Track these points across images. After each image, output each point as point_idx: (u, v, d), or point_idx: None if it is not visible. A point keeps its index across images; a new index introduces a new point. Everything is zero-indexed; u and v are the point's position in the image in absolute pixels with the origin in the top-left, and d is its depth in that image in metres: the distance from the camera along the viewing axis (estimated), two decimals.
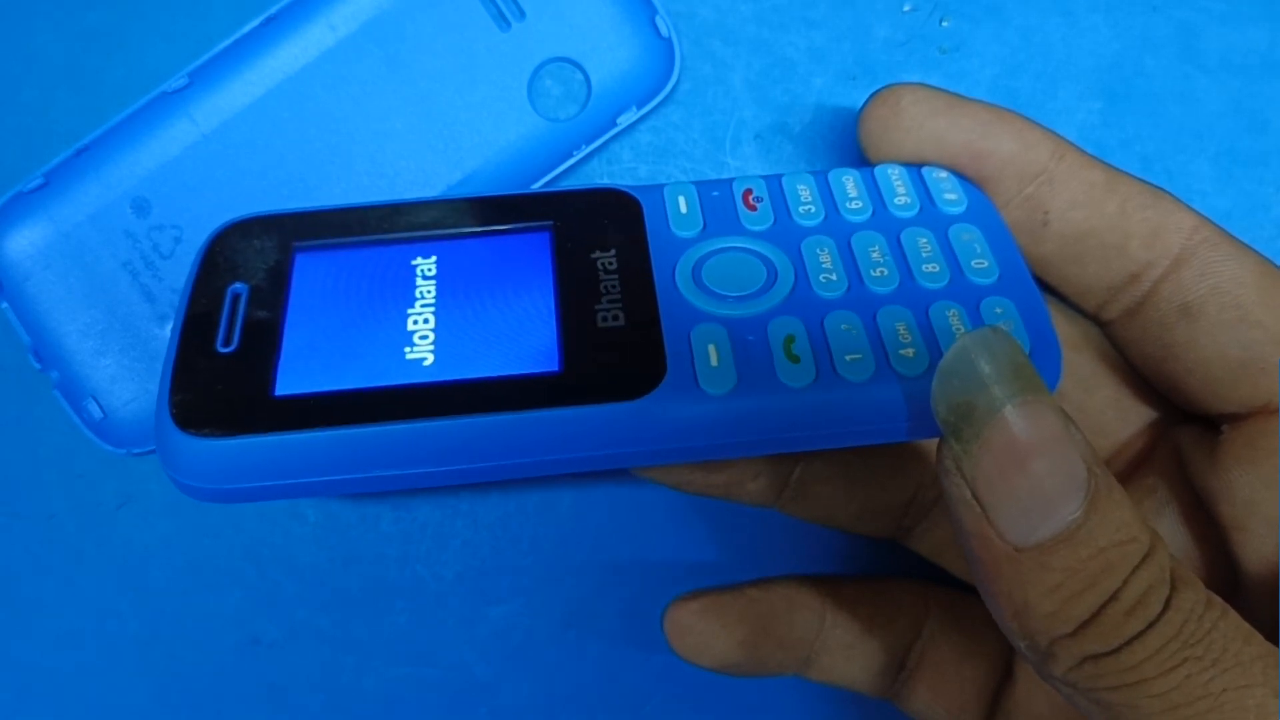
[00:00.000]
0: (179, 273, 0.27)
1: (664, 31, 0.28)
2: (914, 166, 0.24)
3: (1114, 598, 0.18)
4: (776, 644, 0.26)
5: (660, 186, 0.24)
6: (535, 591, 0.28)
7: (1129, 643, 0.17)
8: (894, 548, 0.27)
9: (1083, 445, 0.18)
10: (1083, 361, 0.26)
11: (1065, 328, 0.26)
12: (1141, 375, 0.25)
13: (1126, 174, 0.24)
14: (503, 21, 0.28)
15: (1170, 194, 0.24)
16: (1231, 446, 0.23)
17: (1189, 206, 0.23)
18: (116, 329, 0.27)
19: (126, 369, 0.27)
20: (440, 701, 0.28)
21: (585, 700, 0.29)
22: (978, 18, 0.29)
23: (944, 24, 0.29)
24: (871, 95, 0.24)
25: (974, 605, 0.27)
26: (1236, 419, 0.23)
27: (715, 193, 0.24)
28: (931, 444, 0.26)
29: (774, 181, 0.24)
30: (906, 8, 0.29)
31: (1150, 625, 0.17)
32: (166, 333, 0.27)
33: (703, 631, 0.25)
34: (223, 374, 0.21)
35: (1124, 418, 0.26)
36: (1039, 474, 0.18)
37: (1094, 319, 0.25)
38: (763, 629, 0.26)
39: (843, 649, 0.26)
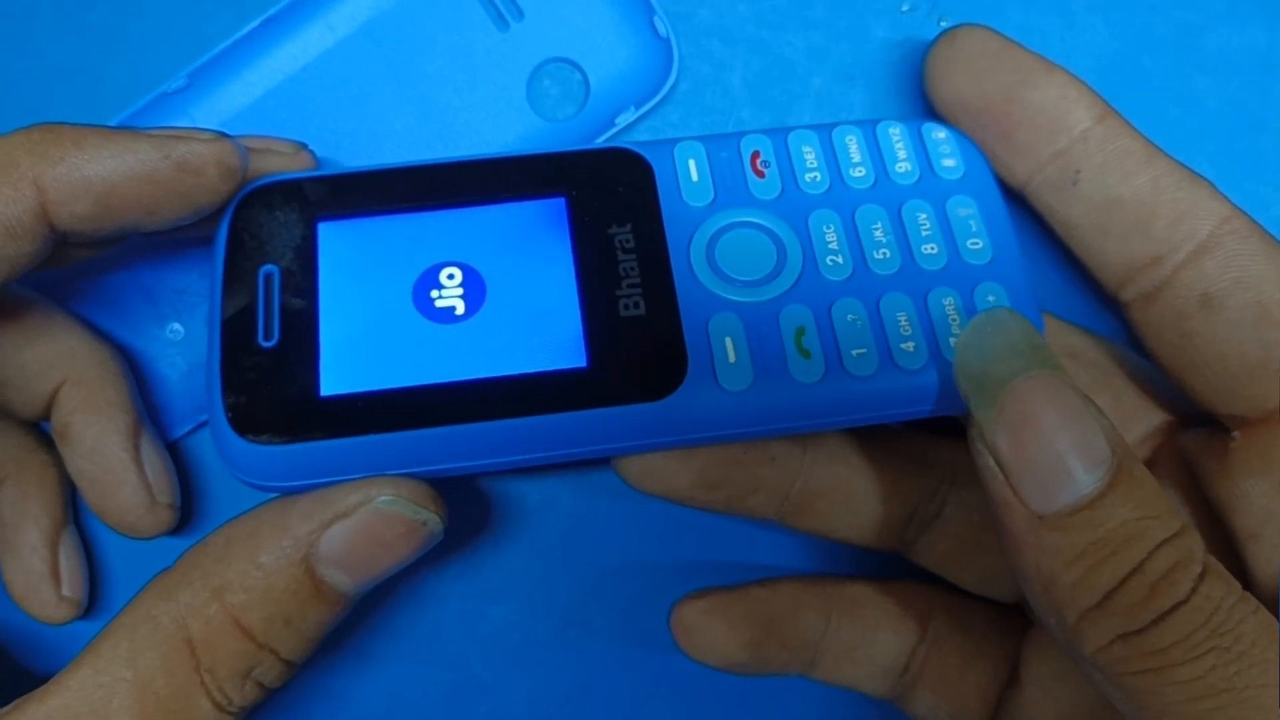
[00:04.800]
0: (180, 273, 0.27)
1: (662, 32, 0.28)
2: (914, 124, 0.25)
3: (1138, 570, 0.18)
4: (781, 645, 0.26)
5: (670, 145, 0.24)
6: (535, 591, 0.28)
7: (1156, 623, 0.17)
8: None
9: (1106, 424, 0.18)
10: (1080, 369, 0.26)
11: (1066, 336, 0.26)
12: (1156, 364, 0.25)
13: (1167, 154, 0.24)
14: (501, 22, 0.28)
15: (1209, 182, 0.23)
16: (1244, 455, 0.23)
17: (1225, 197, 0.23)
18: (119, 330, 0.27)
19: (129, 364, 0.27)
20: (440, 701, 0.28)
21: (585, 700, 0.29)
22: (975, 18, 0.28)
23: (942, 24, 0.29)
24: (940, 32, 0.25)
25: (979, 608, 0.27)
26: (1247, 424, 0.23)
27: (724, 154, 0.24)
28: (931, 455, 0.26)
29: (780, 141, 0.24)
30: (904, 8, 0.29)
31: (1178, 605, 0.17)
32: (167, 333, 0.27)
33: (709, 631, 0.25)
34: (269, 373, 0.21)
35: (1125, 426, 0.26)
36: (1058, 442, 0.18)
37: (1114, 299, 0.25)
38: (768, 630, 0.26)
39: (847, 650, 0.26)
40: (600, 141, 0.28)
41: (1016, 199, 0.26)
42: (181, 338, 0.28)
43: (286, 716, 0.28)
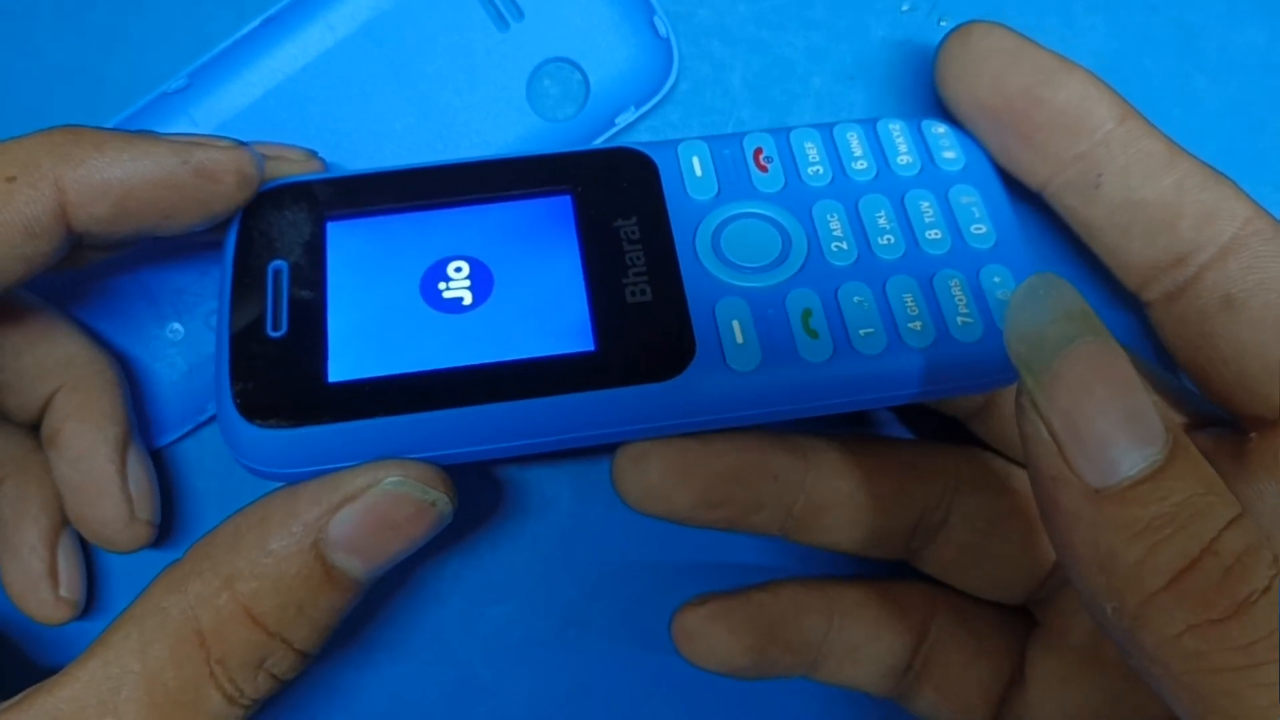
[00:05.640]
0: (181, 273, 0.27)
1: (662, 32, 0.28)
2: (914, 121, 0.25)
3: (1209, 550, 0.16)
4: (783, 648, 0.26)
5: (674, 144, 0.24)
6: (536, 590, 0.28)
7: (1238, 614, 0.16)
8: None
9: (1156, 399, 0.18)
10: None
11: None
12: (1175, 362, 0.25)
13: (1190, 154, 0.23)
14: (501, 22, 0.28)
15: (1233, 181, 0.23)
16: (1260, 456, 0.22)
17: (1249, 197, 0.23)
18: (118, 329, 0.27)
19: (127, 370, 0.27)
20: (441, 700, 0.28)
21: (585, 700, 0.29)
22: (975, 18, 0.29)
23: (942, 24, 0.29)
24: (950, 30, 0.25)
25: (982, 607, 0.27)
26: (1264, 425, 0.23)
27: (727, 151, 0.24)
28: (933, 463, 0.26)
29: (782, 138, 0.25)
30: (904, 8, 0.29)
31: (1259, 594, 0.16)
32: (167, 333, 0.28)
33: (710, 637, 0.25)
34: (277, 361, 0.22)
35: None
36: (1115, 410, 0.17)
37: (1134, 298, 0.25)
38: (770, 634, 0.25)
39: (849, 651, 0.26)
40: (600, 141, 0.28)
41: (1034, 200, 0.26)
42: (181, 337, 0.28)
43: (288, 715, 0.28)
